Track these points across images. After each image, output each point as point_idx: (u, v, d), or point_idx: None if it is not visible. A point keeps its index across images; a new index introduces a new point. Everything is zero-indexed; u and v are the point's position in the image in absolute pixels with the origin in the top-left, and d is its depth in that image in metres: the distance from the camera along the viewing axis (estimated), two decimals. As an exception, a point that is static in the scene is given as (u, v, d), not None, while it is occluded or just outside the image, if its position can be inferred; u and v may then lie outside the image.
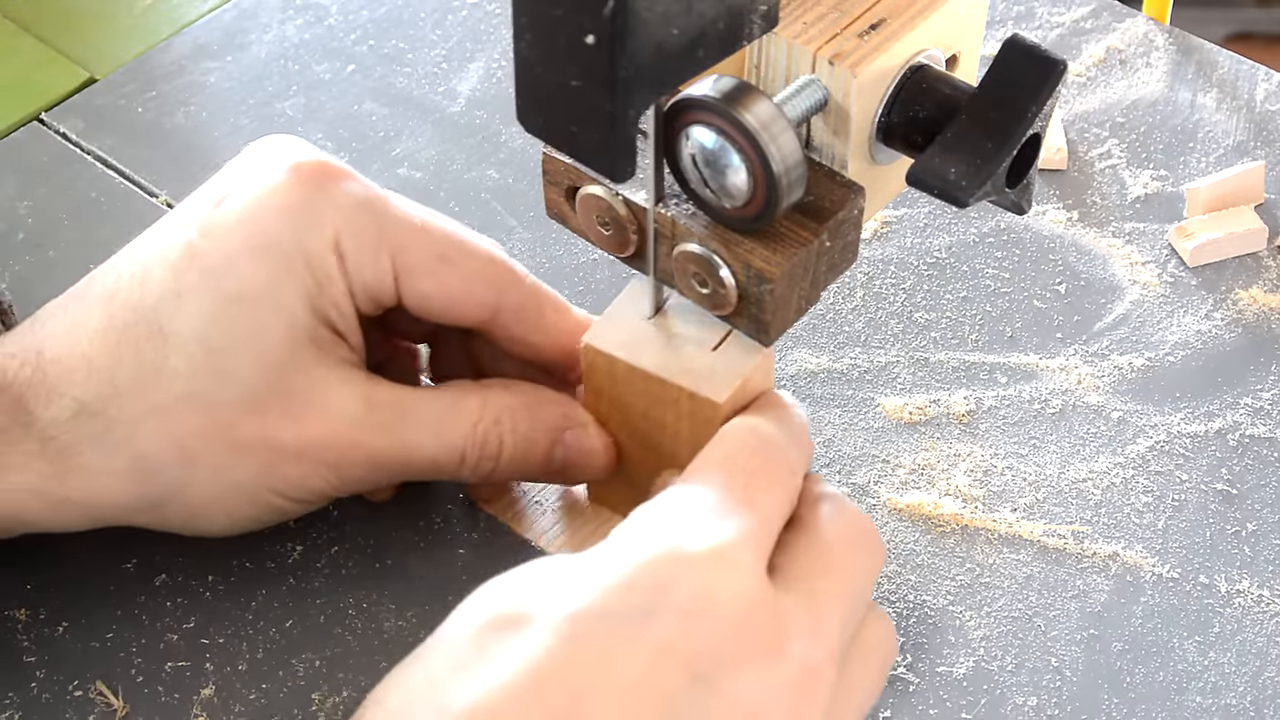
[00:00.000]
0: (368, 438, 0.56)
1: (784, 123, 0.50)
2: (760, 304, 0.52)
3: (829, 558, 0.50)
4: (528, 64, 0.47)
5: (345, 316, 0.56)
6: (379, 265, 0.56)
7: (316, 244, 0.55)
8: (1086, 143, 0.76)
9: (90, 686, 0.57)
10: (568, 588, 0.47)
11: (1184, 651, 0.59)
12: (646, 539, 0.48)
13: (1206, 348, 0.68)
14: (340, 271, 0.56)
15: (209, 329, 0.54)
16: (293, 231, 0.55)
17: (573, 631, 0.45)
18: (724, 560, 0.47)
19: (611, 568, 0.47)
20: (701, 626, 0.46)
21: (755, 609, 0.47)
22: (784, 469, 0.52)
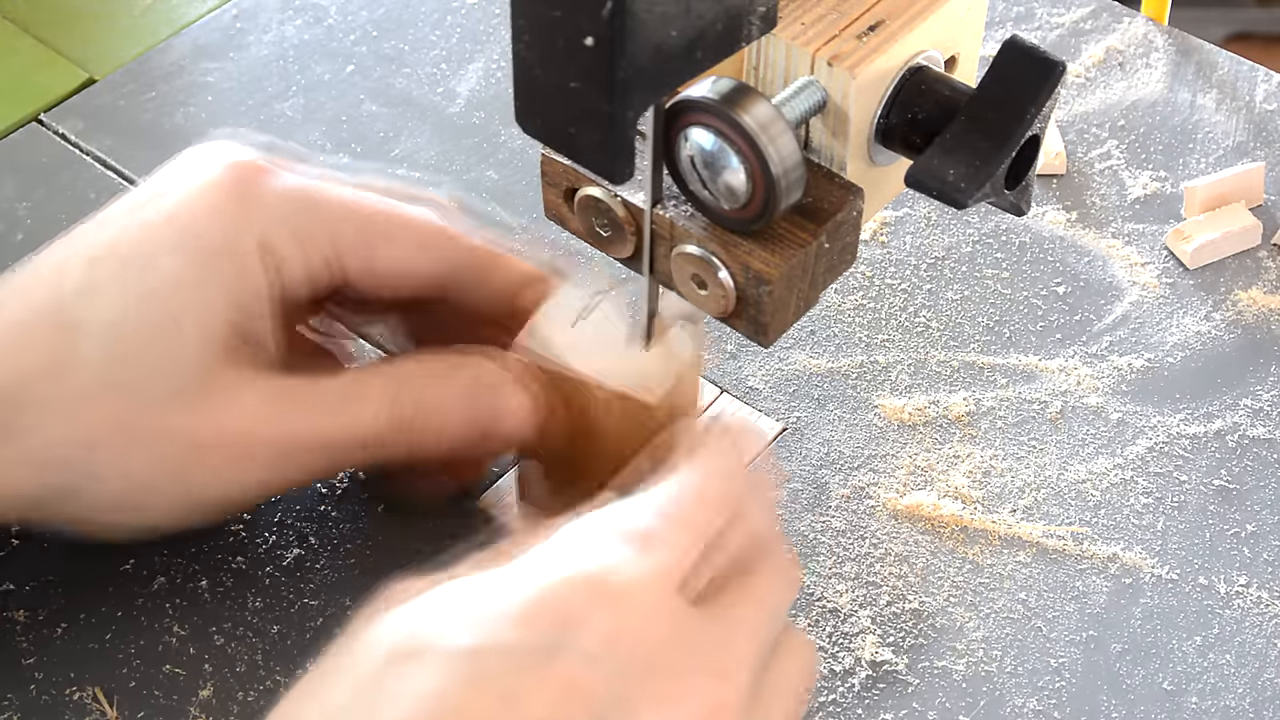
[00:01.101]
0: (279, 430, 0.56)
1: (783, 124, 0.50)
2: (759, 305, 0.52)
3: (752, 581, 0.49)
4: (526, 65, 0.47)
5: (264, 316, 0.56)
6: (315, 256, 0.56)
7: (244, 243, 0.55)
8: (1086, 144, 0.76)
9: (88, 689, 0.57)
10: (471, 618, 0.45)
11: (1183, 653, 0.59)
12: (560, 561, 0.46)
13: (1206, 349, 0.68)
14: (266, 269, 0.56)
15: (123, 320, 0.54)
16: (220, 230, 0.55)
17: (473, 670, 0.44)
18: (637, 595, 0.46)
19: (516, 593, 0.45)
20: (608, 667, 0.44)
21: (664, 648, 0.46)
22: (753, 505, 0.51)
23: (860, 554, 0.62)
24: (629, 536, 0.47)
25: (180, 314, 0.54)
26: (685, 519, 0.48)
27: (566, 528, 0.49)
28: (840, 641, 0.59)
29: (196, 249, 0.55)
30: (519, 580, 0.46)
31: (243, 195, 0.56)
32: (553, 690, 0.44)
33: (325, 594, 0.60)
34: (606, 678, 0.44)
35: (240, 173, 0.56)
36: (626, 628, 0.45)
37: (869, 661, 0.59)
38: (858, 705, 0.58)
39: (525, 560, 0.47)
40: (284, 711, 0.47)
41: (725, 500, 0.50)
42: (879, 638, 0.59)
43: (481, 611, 0.45)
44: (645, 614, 0.46)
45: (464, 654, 0.44)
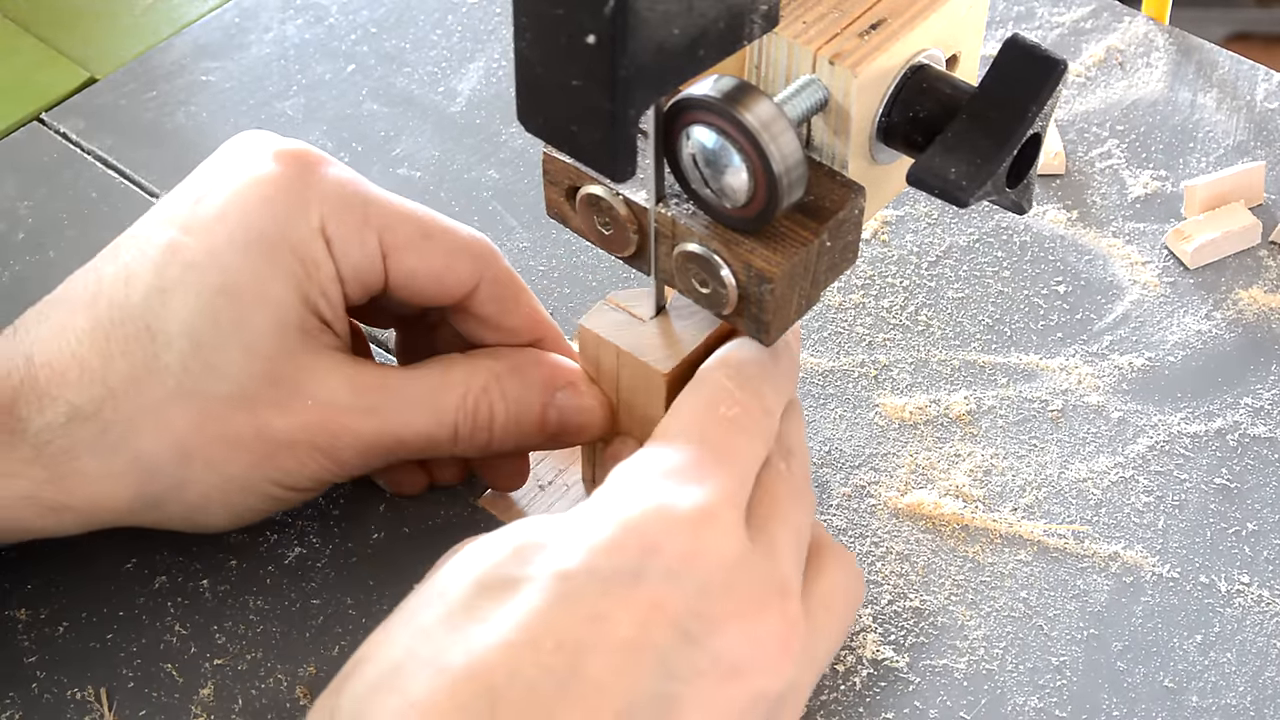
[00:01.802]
0: (357, 422, 0.56)
1: (784, 122, 0.50)
2: (760, 304, 0.52)
3: (781, 505, 0.52)
4: (528, 63, 0.47)
5: (332, 303, 0.57)
6: (366, 246, 0.57)
7: (303, 231, 0.55)
8: (1086, 143, 0.76)
9: (89, 689, 0.57)
10: (556, 548, 0.47)
11: (1184, 651, 0.59)
12: (632, 498, 0.48)
13: (1206, 348, 0.68)
14: (327, 257, 0.56)
15: (196, 324, 0.54)
16: (277, 220, 0.55)
17: (563, 590, 0.46)
18: (708, 520, 0.48)
19: (598, 528, 0.48)
20: (688, 587, 0.47)
21: (738, 568, 0.48)
22: (761, 414, 0.52)
23: (861, 552, 0.62)
24: (684, 469, 0.49)
25: (249, 309, 0.55)
26: (725, 447, 0.51)
27: (623, 467, 0.50)
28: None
29: (258, 242, 0.55)
30: (596, 516, 0.48)
31: (296, 183, 0.56)
32: (639, 610, 0.46)
33: (326, 593, 0.60)
34: (687, 597, 0.47)
35: (291, 161, 0.56)
36: (701, 550, 0.48)
37: (870, 660, 0.59)
38: (859, 703, 0.58)
39: (595, 499, 0.49)
40: (377, 638, 0.48)
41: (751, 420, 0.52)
42: (880, 636, 0.59)
43: (565, 543, 0.47)
44: (716, 537, 0.48)
45: (552, 579, 0.46)
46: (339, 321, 0.57)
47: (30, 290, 0.68)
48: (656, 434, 0.52)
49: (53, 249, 0.71)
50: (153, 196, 0.73)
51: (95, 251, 0.66)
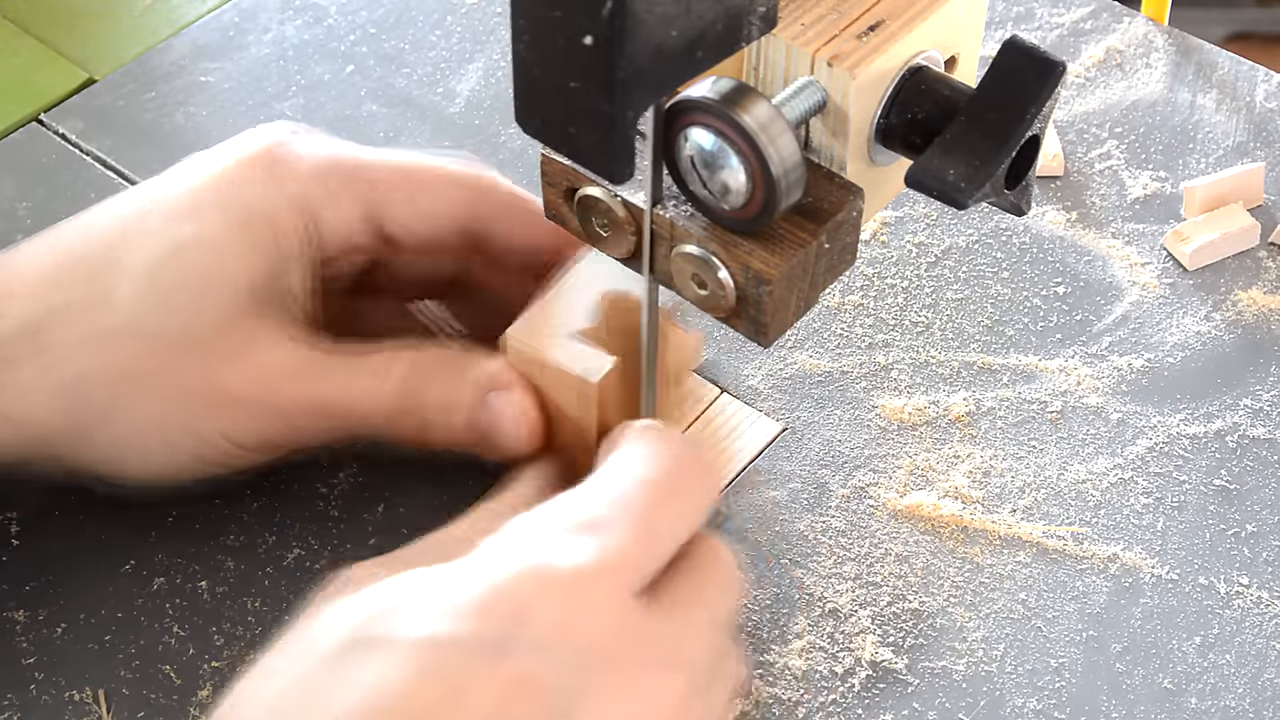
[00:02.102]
0: (300, 388, 0.57)
1: (783, 124, 0.50)
2: (759, 305, 0.52)
3: (706, 590, 0.50)
4: (526, 65, 0.47)
5: (301, 277, 0.58)
6: (351, 208, 0.58)
7: (278, 201, 0.57)
8: (1086, 144, 0.76)
9: (88, 690, 0.57)
10: (423, 610, 0.45)
11: (1183, 653, 0.59)
12: (511, 554, 0.47)
13: (1206, 349, 0.68)
14: (300, 230, 0.58)
15: (160, 265, 0.56)
16: (255, 191, 0.57)
17: (425, 658, 0.44)
18: (587, 583, 0.46)
19: (469, 588, 0.46)
20: (559, 659, 0.45)
21: (616, 640, 0.46)
22: (694, 477, 0.51)
23: (860, 554, 0.62)
24: (578, 526, 0.48)
25: (213, 267, 0.56)
26: (631, 506, 0.49)
27: (517, 520, 0.49)
28: (840, 641, 0.59)
29: (234, 208, 0.57)
30: (472, 574, 0.46)
31: (276, 159, 0.58)
32: (502, 683, 0.44)
33: (325, 594, 0.60)
34: (557, 670, 0.45)
35: (275, 140, 0.59)
36: (577, 619, 0.45)
37: (869, 661, 0.59)
38: (858, 705, 0.58)
39: (478, 553, 0.48)
40: (240, 690, 0.47)
41: (671, 489, 0.50)
42: (879, 638, 0.59)
43: (435, 604, 0.46)
44: (596, 605, 0.46)
45: (415, 645, 0.45)
46: (307, 297, 0.59)
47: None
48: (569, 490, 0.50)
49: (52, 250, 0.71)
50: (152, 197, 0.73)
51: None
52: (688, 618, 0.48)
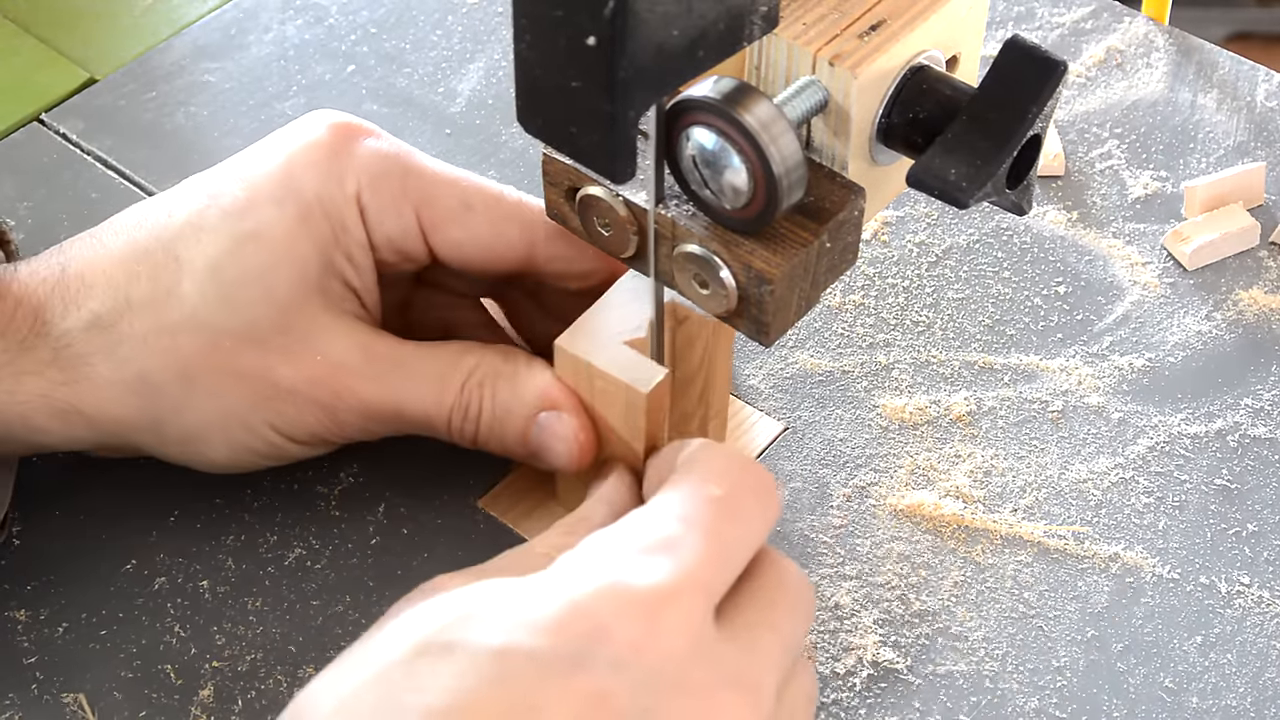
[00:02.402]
0: (361, 385, 0.58)
1: (784, 124, 0.50)
2: (760, 305, 0.52)
3: (774, 613, 0.49)
4: (528, 65, 0.47)
5: (360, 270, 0.58)
6: (402, 217, 0.58)
7: (337, 196, 0.58)
8: (1086, 143, 0.76)
9: (82, 692, 0.57)
10: (501, 620, 0.45)
11: (1185, 652, 0.59)
12: (589, 571, 0.47)
13: (1207, 348, 0.68)
14: (359, 224, 0.58)
15: (222, 261, 0.57)
16: (314, 183, 0.58)
17: (500, 670, 0.44)
18: (665, 602, 0.46)
19: (547, 602, 0.46)
20: (635, 678, 0.44)
21: (691, 660, 0.45)
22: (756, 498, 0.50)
23: (861, 554, 0.62)
24: (653, 546, 0.47)
25: (277, 259, 0.57)
26: (703, 525, 0.48)
27: (593, 537, 0.49)
28: (842, 641, 0.59)
29: (295, 199, 0.57)
30: (549, 588, 0.46)
31: (339, 151, 0.58)
32: (577, 699, 0.44)
33: (326, 594, 0.60)
34: (632, 689, 0.44)
35: (340, 131, 0.59)
36: (653, 638, 0.45)
37: (871, 661, 0.59)
38: (860, 705, 0.58)
39: (555, 569, 0.48)
40: (311, 688, 0.47)
41: (738, 506, 0.50)
42: (881, 638, 0.59)
43: (512, 615, 0.45)
44: (672, 625, 0.45)
45: (491, 654, 0.44)
46: (367, 292, 0.59)
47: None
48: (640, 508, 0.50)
49: (52, 250, 0.71)
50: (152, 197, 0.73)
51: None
52: (757, 640, 0.48)
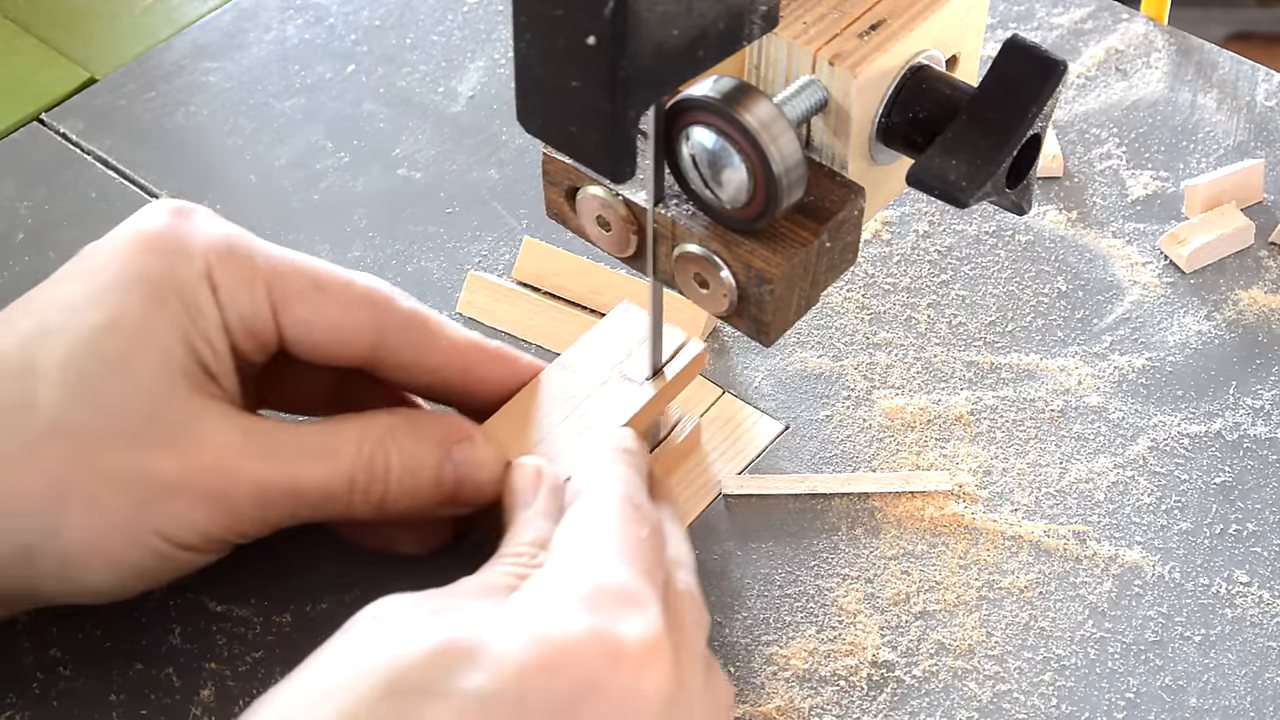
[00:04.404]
0: (248, 465, 0.53)
1: (784, 123, 0.50)
2: (760, 304, 0.52)
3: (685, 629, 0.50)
4: (527, 64, 0.47)
5: (218, 354, 0.55)
6: (254, 296, 0.55)
7: (187, 275, 0.54)
8: (1086, 143, 0.76)
9: (87, 690, 0.57)
10: (483, 662, 0.45)
11: (1184, 652, 0.59)
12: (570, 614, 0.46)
13: (1207, 348, 0.68)
14: (213, 305, 0.54)
15: (78, 358, 0.52)
16: (161, 264, 0.54)
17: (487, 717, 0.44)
18: (651, 656, 0.46)
19: (532, 646, 0.45)
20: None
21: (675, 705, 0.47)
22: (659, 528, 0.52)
23: (862, 554, 0.62)
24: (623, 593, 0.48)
25: (133, 346, 0.53)
26: (653, 575, 0.49)
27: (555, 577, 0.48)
28: (842, 641, 0.59)
29: (142, 283, 0.53)
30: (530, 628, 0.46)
31: (182, 231, 0.55)
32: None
33: (327, 594, 0.60)
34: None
35: (178, 213, 0.55)
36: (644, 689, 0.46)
37: (870, 661, 0.59)
38: (859, 705, 0.58)
39: (527, 608, 0.47)
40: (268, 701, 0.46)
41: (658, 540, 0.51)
42: (880, 638, 0.59)
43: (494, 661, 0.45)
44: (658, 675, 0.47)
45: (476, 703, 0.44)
46: (226, 376, 0.55)
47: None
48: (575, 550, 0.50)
49: (52, 249, 0.71)
50: (152, 196, 0.73)
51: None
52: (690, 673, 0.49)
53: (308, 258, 0.57)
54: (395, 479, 0.56)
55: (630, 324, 0.61)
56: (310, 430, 0.55)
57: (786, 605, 0.60)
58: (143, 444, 0.52)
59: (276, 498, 0.54)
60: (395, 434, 0.56)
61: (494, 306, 0.69)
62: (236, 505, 0.54)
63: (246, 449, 0.54)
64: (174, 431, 0.53)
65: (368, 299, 0.57)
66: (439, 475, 0.56)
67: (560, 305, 0.69)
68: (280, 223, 0.72)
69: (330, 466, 0.55)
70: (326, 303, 0.56)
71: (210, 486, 0.53)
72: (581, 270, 0.69)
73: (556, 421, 0.59)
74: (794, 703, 0.57)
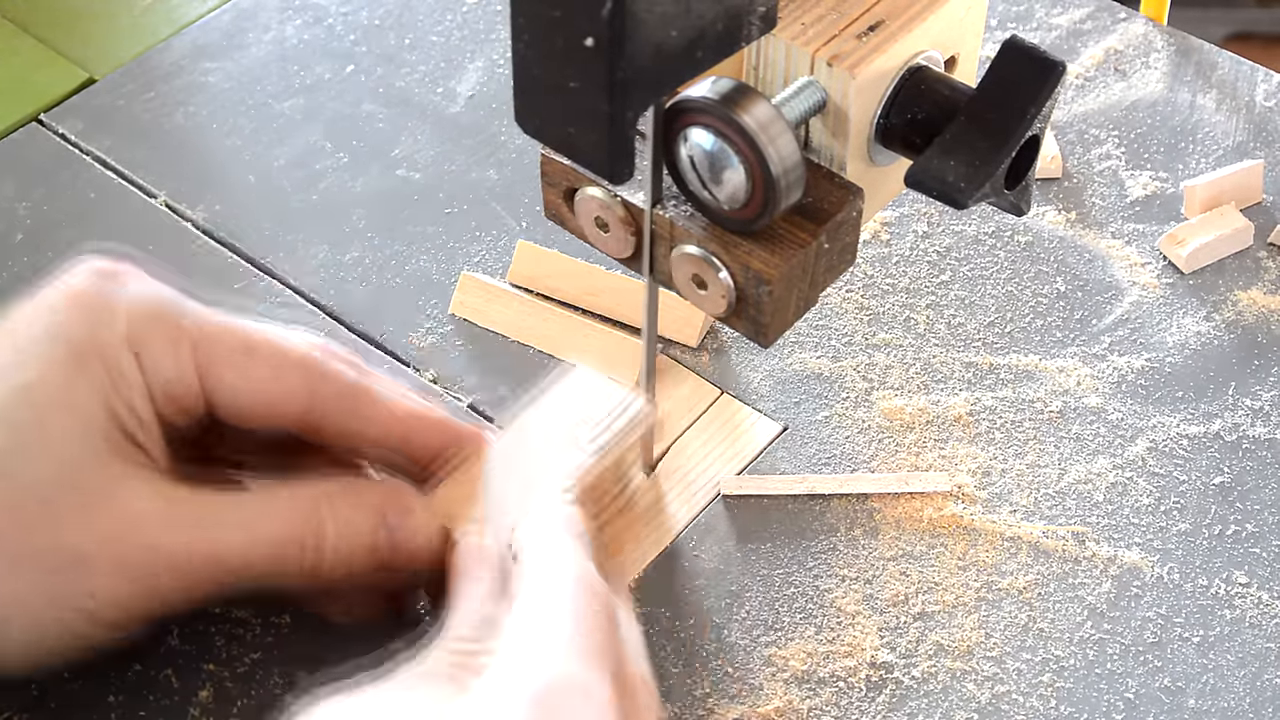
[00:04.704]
0: (169, 536, 0.52)
1: (782, 124, 0.50)
2: (759, 306, 0.52)
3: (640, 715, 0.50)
4: (526, 65, 0.47)
5: (143, 422, 0.53)
6: (179, 359, 0.53)
7: (110, 338, 0.52)
8: (1085, 144, 0.76)
9: (86, 691, 0.57)
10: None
11: (1183, 653, 0.59)
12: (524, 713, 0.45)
13: (1206, 349, 0.68)
14: (135, 369, 0.53)
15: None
16: (84, 326, 0.52)
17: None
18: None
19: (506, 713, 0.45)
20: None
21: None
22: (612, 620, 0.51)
23: (860, 554, 0.62)
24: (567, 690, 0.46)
25: (51, 409, 0.51)
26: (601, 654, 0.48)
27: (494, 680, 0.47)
28: (841, 642, 0.59)
29: (63, 345, 0.52)
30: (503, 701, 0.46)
31: (105, 292, 0.53)
32: None
33: (325, 594, 0.60)
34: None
35: (102, 273, 0.54)
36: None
37: (870, 662, 0.59)
38: (859, 705, 0.58)
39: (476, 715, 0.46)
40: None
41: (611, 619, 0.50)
42: (880, 639, 0.59)
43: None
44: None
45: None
46: (151, 442, 0.53)
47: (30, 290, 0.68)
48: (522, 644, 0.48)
49: (51, 249, 0.71)
50: (151, 197, 0.73)
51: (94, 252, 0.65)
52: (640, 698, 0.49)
53: (241, 320, 0.55)
54: (330, 545, 0.54)
55: (582, 388, 0.60)
56: (236, 498, 0.54)
57: (785, 606, 0.60)
58: (59, 511, 0.51)
59: (199, 568, 0.52)
60: (330, 499, 0.54)
61: (486, 307, 0.69)
62: (156, 579, 0.52)
63: (169, 518, 0.52)
64: (89, 500, 0.51)
65: (301, 364, 0.55)
66: (374, 543, 0.55)
67: (553, 306, 0.69)
68: (279, 223, 0.72)
69: (258, 537, 0.53)
70: (256, 367, 0.54)
71: (126, 557, 0.51)
72: (577, 272, 0.69)
73: (506, 490, 0.57)
74: (792, 704, 0.57)
